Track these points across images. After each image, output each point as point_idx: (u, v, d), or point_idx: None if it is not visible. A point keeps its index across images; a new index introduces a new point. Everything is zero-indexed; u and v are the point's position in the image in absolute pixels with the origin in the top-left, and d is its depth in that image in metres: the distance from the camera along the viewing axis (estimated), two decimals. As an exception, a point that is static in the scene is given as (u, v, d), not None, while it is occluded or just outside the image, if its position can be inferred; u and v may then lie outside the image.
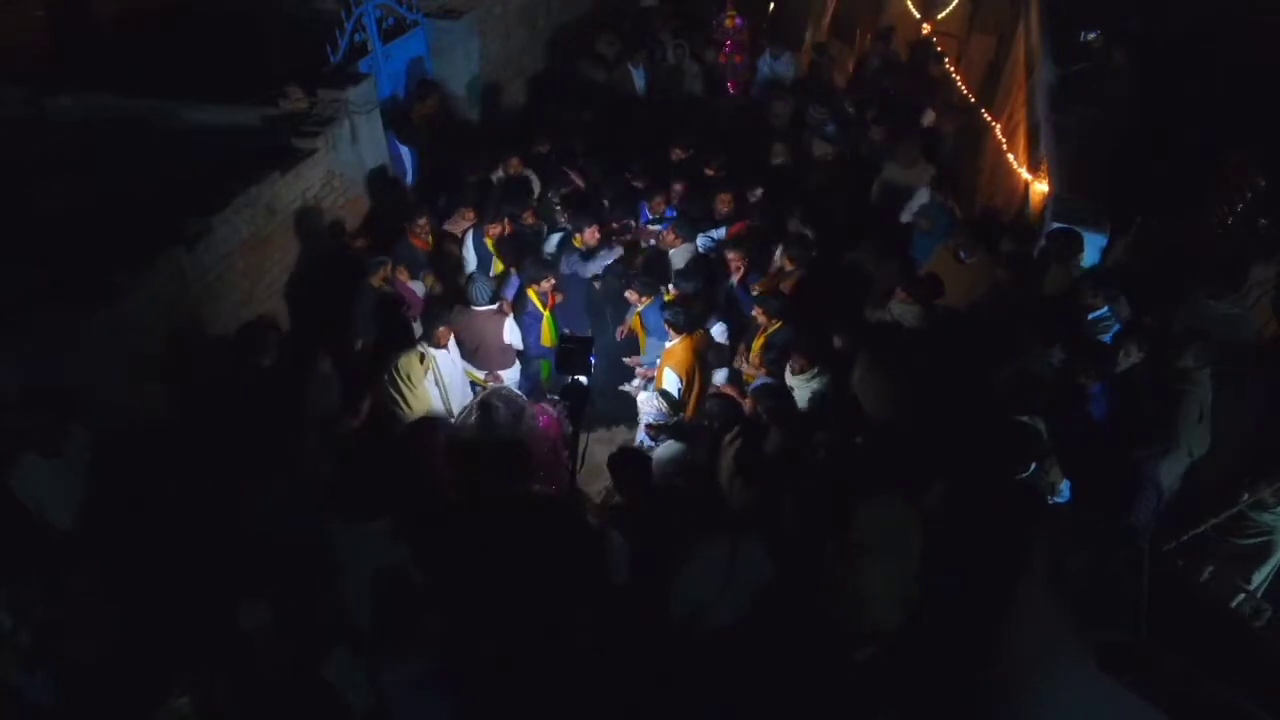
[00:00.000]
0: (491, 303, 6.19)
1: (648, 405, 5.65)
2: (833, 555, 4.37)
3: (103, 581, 4.59)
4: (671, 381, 5.85)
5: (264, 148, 6.70)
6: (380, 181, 7.43)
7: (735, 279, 6.59)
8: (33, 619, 4.41)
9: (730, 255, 6.59)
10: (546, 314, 6.42)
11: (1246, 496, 4.77)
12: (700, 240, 6.90)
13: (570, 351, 4.88)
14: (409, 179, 7.91)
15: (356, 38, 7.63)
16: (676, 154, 7.74)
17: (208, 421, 5.13)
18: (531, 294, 6.34)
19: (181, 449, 5.01)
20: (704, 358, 5.99)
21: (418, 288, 6.69)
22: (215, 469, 4.74)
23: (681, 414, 5.73)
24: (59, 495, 4.74)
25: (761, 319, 6.05)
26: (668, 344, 5.92)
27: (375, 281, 6.12)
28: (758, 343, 6.08)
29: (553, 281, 6.38)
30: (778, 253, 6.78)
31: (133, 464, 4.94)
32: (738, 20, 10.14)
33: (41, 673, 4.41)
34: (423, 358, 5.73)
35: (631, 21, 10.60)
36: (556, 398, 5.97)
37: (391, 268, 6.24)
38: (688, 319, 5.84)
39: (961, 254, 6.39)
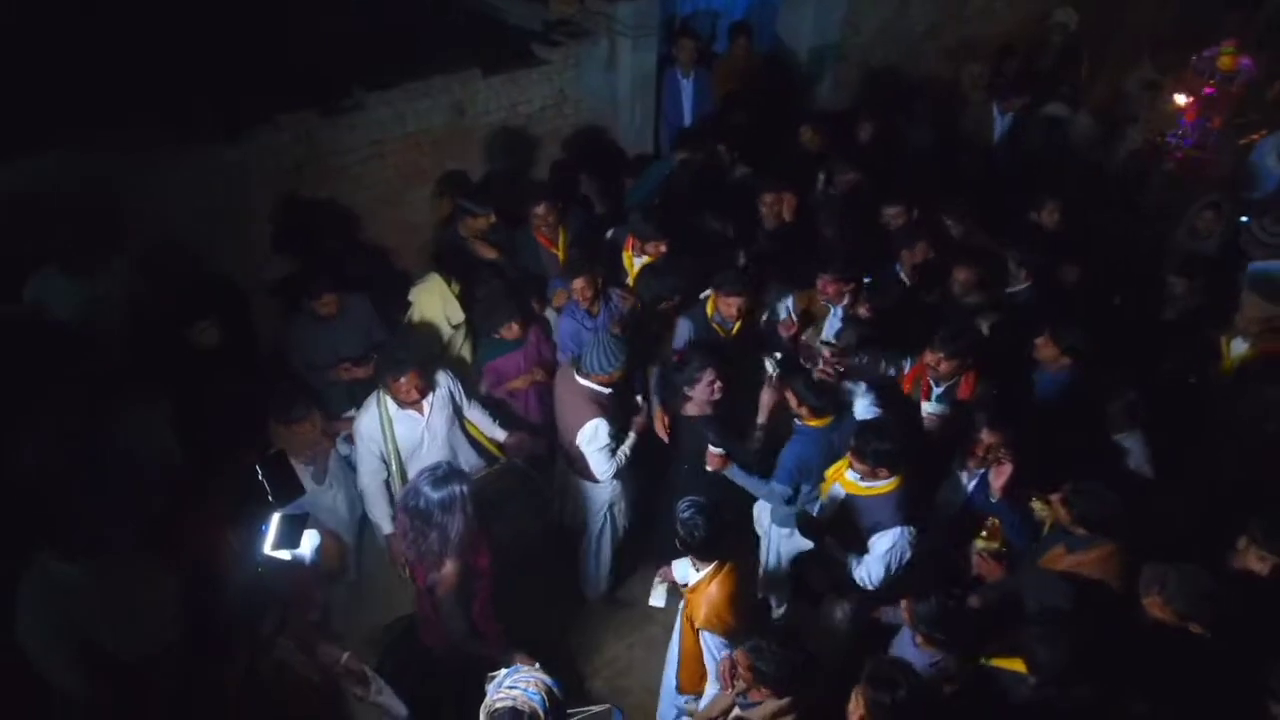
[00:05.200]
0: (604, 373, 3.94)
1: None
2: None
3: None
4: (714, 651, 3.40)
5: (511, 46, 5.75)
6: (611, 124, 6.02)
7: (996, 482, 3.70)
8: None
9: (985, 435, 3.70)
10: None
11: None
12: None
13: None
14: (686, 120, 6.35)
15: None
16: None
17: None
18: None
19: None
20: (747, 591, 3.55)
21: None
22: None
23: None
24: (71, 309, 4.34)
25: None
26: (689, 580, 3.42)
27: (464, 231, 4.71)
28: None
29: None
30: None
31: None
32: (1243, 61, 6.63)
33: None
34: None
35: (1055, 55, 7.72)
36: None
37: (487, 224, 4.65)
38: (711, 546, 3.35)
39: None
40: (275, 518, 2.82)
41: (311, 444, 3.91)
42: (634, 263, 4.82)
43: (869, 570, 3.62)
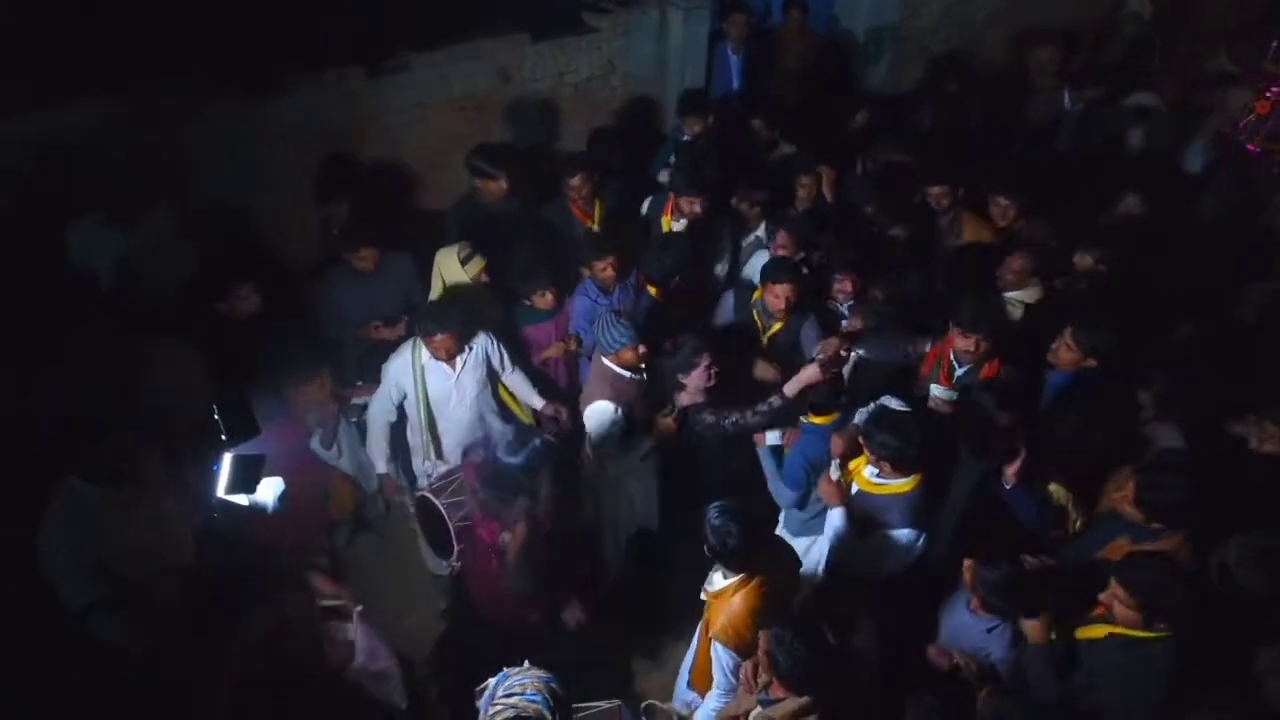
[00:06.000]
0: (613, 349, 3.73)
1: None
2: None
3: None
4: (724, 662, 3.08)
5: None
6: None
7: (1008, 469, 3.47)
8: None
9: (999, 419, 3.50)
10: None
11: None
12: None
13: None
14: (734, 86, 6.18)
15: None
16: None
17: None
18: (653, 291, 4.27)
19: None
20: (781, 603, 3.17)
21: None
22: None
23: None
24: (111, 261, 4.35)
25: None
26: (713, 585, 3.12)
27: (483, 194, 4.53)
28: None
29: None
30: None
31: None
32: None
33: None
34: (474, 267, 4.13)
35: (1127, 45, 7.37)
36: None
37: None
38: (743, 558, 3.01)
39: None
40: (228, 458, 2.74)
41: (318, 404, 3.86)
42: (674, 229, 4.64)
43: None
